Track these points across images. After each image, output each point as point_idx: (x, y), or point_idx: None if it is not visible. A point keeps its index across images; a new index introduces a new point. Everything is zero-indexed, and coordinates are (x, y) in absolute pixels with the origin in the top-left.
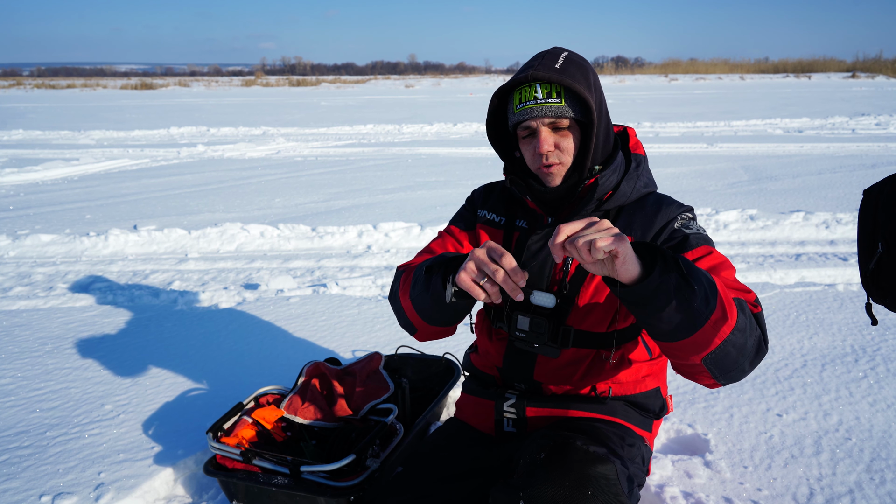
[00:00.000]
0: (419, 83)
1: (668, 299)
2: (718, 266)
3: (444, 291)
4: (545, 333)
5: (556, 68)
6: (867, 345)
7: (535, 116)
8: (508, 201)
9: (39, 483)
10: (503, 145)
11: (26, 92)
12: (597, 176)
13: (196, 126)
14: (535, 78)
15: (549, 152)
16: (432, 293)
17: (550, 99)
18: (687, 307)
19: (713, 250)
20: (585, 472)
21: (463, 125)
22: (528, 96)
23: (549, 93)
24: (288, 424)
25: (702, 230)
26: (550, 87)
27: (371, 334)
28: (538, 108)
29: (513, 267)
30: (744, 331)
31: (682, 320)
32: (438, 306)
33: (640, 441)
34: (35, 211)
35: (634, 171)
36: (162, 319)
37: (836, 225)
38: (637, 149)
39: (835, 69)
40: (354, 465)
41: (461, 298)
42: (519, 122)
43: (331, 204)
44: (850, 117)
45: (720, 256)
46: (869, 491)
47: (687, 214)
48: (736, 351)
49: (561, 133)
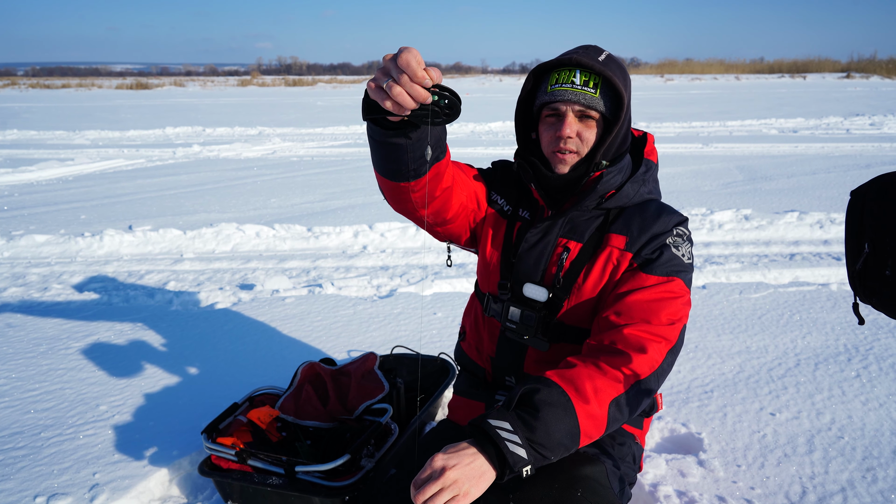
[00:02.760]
0: None
1: (533, 470)
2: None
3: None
4: (535, 326)
5: (600, 60)
6: (860, 344)
7: (567, 100)
8: (518, 187)
9: (34, 484)
10: (523, 125)
11: (21, 92)
12: (602, 171)
13: (192, 126)
14: (579, 63)
15: (570, 138)
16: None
17: (587, 87)
18: (550, 461)
19: (674, 280)
20: (575, 473)
21: (459, 125)
22: (565, 79)
23: (587, 81)
24: (283, 424)
25: (686, 255)
26: (590, 76)
27: (366, 334)
28: (572, 93)
29: (407, 59)
30: (618, 423)
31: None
32: (374, 144)
33: (630, 439)
34: (30, 211)
35: (641, 176)
36: (157, 320)
37: (830, 225)
38: (650, 155)
39: (829, 69)
40: (349, 465)
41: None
42: (549, 101)
43: (326, 204)
44: (845, 117)
45: (676, 290)
46: (861, 489)
47: (681, 230)
48: (615, 426)
49: (586, 123)
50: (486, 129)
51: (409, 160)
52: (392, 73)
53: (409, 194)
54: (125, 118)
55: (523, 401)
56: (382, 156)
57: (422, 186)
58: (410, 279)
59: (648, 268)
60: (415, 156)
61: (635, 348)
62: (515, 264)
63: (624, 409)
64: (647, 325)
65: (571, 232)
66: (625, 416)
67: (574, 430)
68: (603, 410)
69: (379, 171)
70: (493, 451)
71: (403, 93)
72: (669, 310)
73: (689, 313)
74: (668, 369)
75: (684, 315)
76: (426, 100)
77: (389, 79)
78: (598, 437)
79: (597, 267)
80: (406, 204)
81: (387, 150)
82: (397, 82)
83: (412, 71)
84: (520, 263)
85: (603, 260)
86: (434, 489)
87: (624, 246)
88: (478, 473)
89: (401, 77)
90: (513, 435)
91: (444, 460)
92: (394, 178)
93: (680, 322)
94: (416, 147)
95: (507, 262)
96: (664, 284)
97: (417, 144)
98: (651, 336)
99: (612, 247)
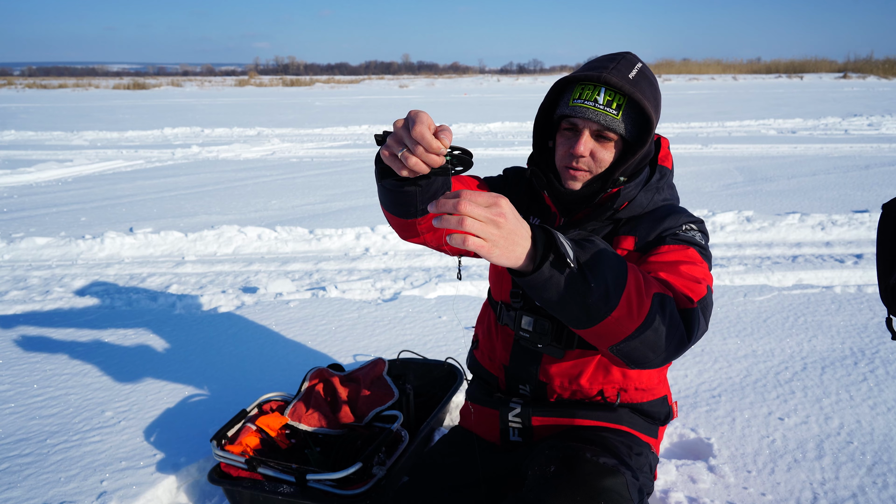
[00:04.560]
0: (413, 83)
1: (558, 292)
2: (681, 263)
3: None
4: (549, 334)
5: (630, 78)
6: (866, 347)
7: (585, 118)
8: (529, 195)
9: (41, 492)
10: (542, 131)
11: (17, 92)
12: (619, 188)
13: (190, 126)
14: (607, 81)
15: (583, 157)
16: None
17: (609, 108)
18: (581, 302)
19: (688, 249)
20: (596, 486)
21: (458, 126)
22: (588, 96)
23: (610, 101)
24: (292, 432)
25: (698, 236)
26: (614, 95)
27: (372, 338)
28: (593, 112)
29: (421, 131)
30: (657, 329)
31: (578, 313)
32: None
33: (647, 449)
34: (29, 213)
35: (655, 184)
36: (160, 324)
37: (832, 226)
38: (665, 161)
39: (826, 69)
40: (361, 474)
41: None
42: (568, 115)
43: (328, 206)
44: (843, 118)
45: (692, 255)
46: (872, 495)
47: (691, 224)
48: (645, 346)
49: (603, 143)
50: (485, 129)
51: (418, 202)
52: (406, 142)
53: (417, 227)
54: (123, 119)
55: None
56: (392, 200)
57: (429, 220)
58: (414, 282)
59: (659, 242)
60: (424, 198)
61: (671, 286)
62: None
63: (664, 316)
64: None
65: None
66: (663, 325)
67: (620, 280)
68: (649, 292)
69: (387, 210)
70: (541, 239)
71: (420, 163)
72: (690, 269)
73: (712, 284)
74: (704, 320)
75: (708, 278)
76: (439, 164)
77: (404, 148)
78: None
79: None
80: (414, 234)
81: (397, 195)
82: (413, 153)
83: (427, 143)
84: None
85: None
86: (483, 199)
87: (633, 247)
88: (522, 230)
89: (416, 148)
90: (565, 240)
91: (508, 205)
92: (402, 217)
93: (704, 282)
94: (425, 192)
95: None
96: (678, 251)
97: (427, 189)
98: (682, 284)
99: (622, 249)
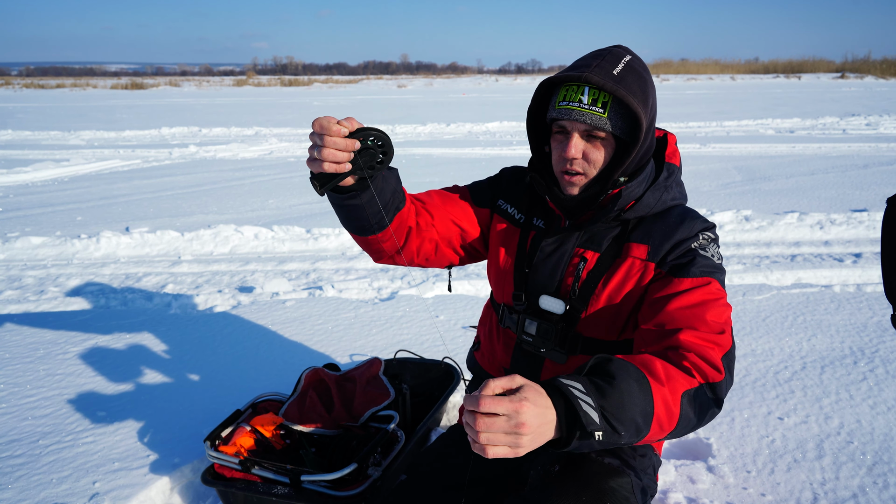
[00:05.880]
0: (411, 83)
1: (592, 448)
2: (704, 305)
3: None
4: (552, 339)
5: (614, 74)
6: (865, 346)
7: (572, 119)
8: (531, 196)
9: (32, 493)
10: (537, 135)
11: (15, 91)
12: (621, 188)
13: (188, 126)
14: (588, 80)
15: (575, 160)
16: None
17: (594, 107)
18: (615, 443)
19: (711, 282)
20: (601, 486)
21: (456, 125)
22: (572, 96)
23: (595, 99)
24: (287, 432)
25: (716, 256)
26: (599, 93)
27: (368, 338)
28: (578, 113)
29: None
30: (688, 422)
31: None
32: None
33: (650, 451)
34: (25, 212)
35: (663, 183)
36: (156, 324)
37: (831, 226)
38: (672, 158)
39: (824, 69)
40: (356, 474)
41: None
42: (556, 118)
43: (325, 205)
44: (841, 117)
45: (715, 291)
46: (873, 495)
47: (708, 234)
48: (680, 435)
49: (594, 143)
50: (484, 129)
51: (368, 216)
52: (315, 140)
53: (381, 245)
54: (120, 118)
55: (596, 369)
56: (344, 216)
57: (389, 236)
58: (411, 281)
59: (680, 272)
60: (373, 211)
61: (693, 351)
62: (530, 274)
63: (695, 407)
64: (695, 331)
65: (589, 241)
66: (694, 417)
67: (648, 410)
68: (676, 399)
69: (348, 230)
70: (562, 409)
71: (331, 150)
72: (713, 313)
73: (730, 312)
74: (730, 378)
75: (728, 318)
76: (355, 147)
77: (316, 147)
78: (667, 432)
79: (616, 277)
80: (382, 254)
81: (346, 210)
82: (323, 145)
83: (328, 129)
84: (535, 274)
85: (624, 271)
86: (502, 409)
87: (646, 256)
88: (546, 421)
89: (323, 139)
90: (586, 396)
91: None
92: (362, 234)
93: (727, 326)
94: (371, 203)
95: (521, 272)
96: (701, 288)
97: (371, 201)
98: (705, 342)
99: (634, 257)
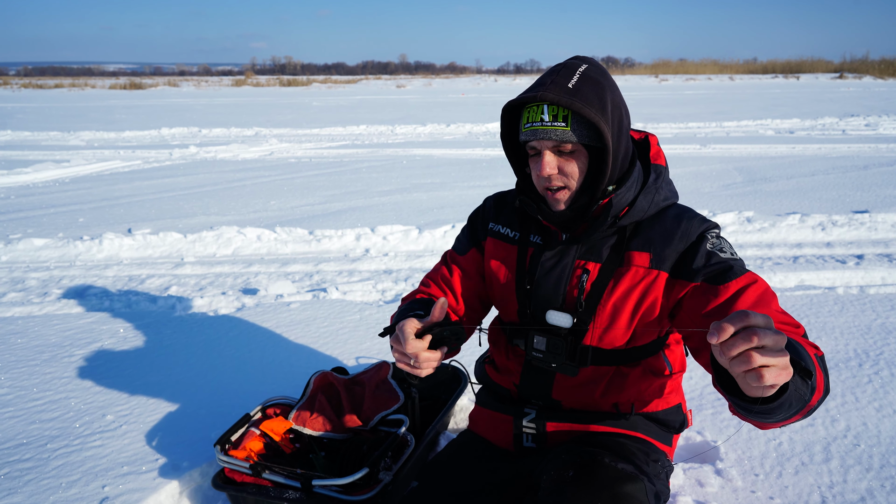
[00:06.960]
0: (410, 83)
1: (790, 409)
2: (764, 297)
3: None
4: (562, 353)
5: (569, 88)
6: (870, 349)
7: (539, 138)
8: (523, 215)
9: (42, 498)
10: (517, 158)
11: (13, 92)
12: (610, 196)
13: (187, 127)
14: (544, 99)
15: (553, 175)
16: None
17: (556, 122)
18: (801, 407)
19: (757, 278)
20: (616, 491)
21: (456, 126)
22: (534, 117)
23: (556, 115)
24: (296, 436)
25: (734, 252)
26: (558, 109)
27: (374, 340)
28: (542, 131)
29: (403, 353)
30: (823, 397)
31: (791, 417)
32: None
33: (663, 456)
34: (26, 214)
35: (653, 185)
36: (160, 326)
37: (832, 227)
38: (658, 158)
39: (822, 70)
40: (367, 479)
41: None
42: (526, 140)
43: (327, 206)
44: (840, 118)
45: (762, 283)
46: (881, 498)
47: (715, 232)
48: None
49: (566, 157)
50: (484, 129)
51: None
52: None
53: None
54: (120, 119)
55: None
56: None
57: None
58: (416, 283)
59: (722, 279)
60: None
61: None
62: (533, 290)
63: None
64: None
65: (588, 252)
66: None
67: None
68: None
69: None
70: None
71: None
72: (775, 303)
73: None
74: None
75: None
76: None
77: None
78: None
79: (621, 286)
80: None
81: None
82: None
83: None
84: (538, 289)
85: (628, 280)
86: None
87: (648, 264)
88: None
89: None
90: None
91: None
92: None
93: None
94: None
95: (522, 289)
96: (751, 286)
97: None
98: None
99: (636, 266)
